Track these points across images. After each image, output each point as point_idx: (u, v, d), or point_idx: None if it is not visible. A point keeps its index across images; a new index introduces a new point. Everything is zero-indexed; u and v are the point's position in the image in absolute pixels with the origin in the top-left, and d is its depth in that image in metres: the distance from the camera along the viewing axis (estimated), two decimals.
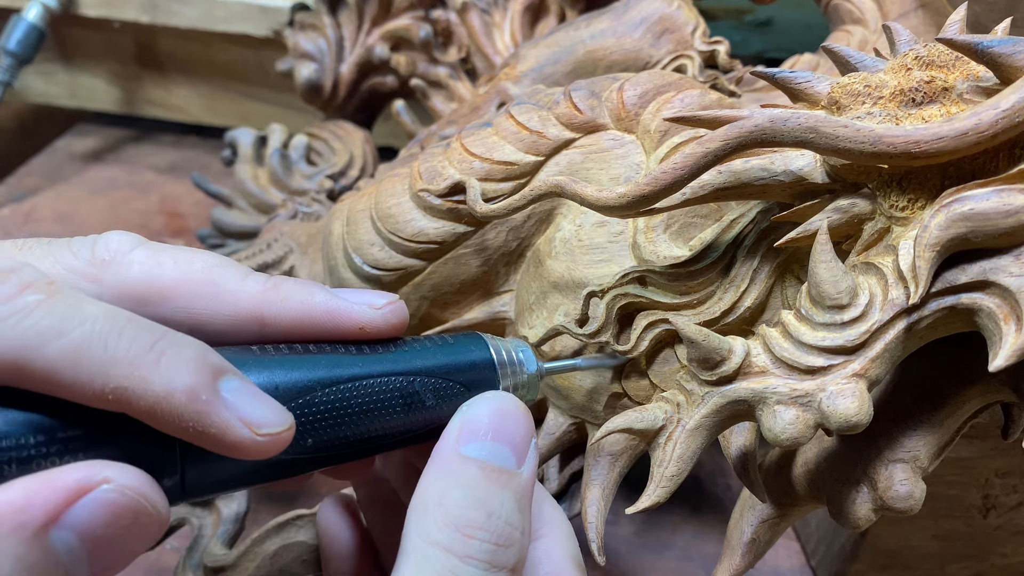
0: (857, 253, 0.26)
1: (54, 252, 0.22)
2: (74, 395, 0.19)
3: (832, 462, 0.28)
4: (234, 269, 0.24)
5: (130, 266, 0.22)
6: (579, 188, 0.29)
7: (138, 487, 0.19)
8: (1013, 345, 0.22)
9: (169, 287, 0.23)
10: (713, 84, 0.44)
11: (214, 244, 0.60)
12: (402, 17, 0.64)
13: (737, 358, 0.25)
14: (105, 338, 0.19)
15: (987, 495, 0.42)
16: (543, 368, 0.27)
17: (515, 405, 0.25)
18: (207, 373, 0.20)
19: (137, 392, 0.19)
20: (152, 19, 0.72)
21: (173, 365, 0.19)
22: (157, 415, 0.19)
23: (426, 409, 0.24)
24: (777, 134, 0.24)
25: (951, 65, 0.25)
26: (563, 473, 0.39)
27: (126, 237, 0.23)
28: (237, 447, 0.20)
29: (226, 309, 0.23)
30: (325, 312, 0.24)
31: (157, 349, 0.19)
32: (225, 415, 0.20)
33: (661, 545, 0.49)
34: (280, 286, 0.24)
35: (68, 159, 0.82)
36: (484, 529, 0.21)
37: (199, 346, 0.20)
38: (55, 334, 0.18)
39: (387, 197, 0.39)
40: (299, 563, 0.35)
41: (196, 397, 0.19)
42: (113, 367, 0.19)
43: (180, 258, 0.23)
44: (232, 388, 0.20)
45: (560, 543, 0.25)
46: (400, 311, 0.25)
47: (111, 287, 0.22)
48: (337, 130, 0.65)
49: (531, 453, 0.24)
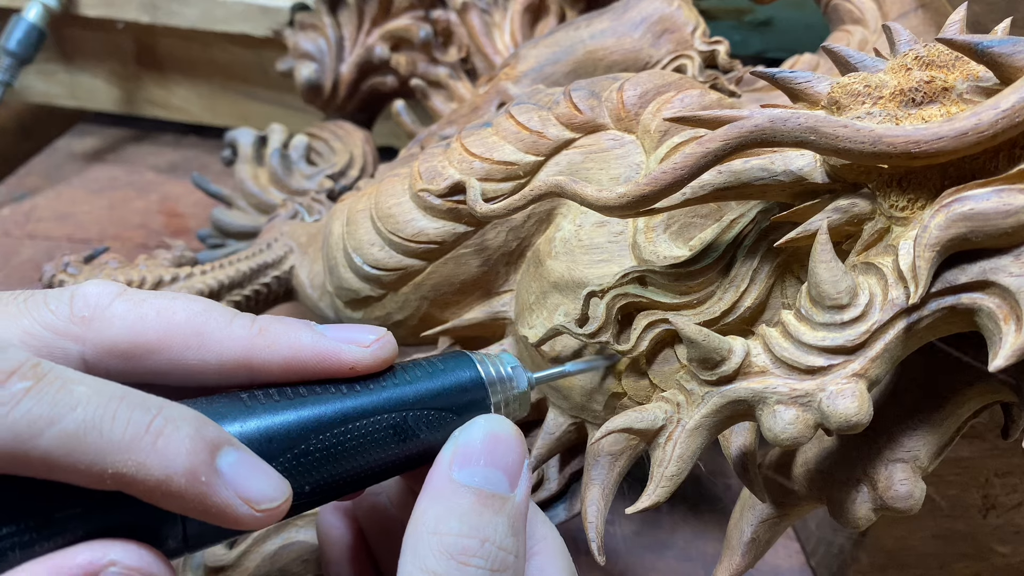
0: (857, 253, 0.26)
1: (31, 311, 0.22)
2: (72, 480, 0.18)
3: (832, 462, 0.28)
4: (218, 315, 0.23)
5: (111, 321, 0.22)
6: (579, 188, 0.29)
7: (145, 567, 0.19)
8: (1013, 345, 0.22)
9: (154, 341, 0.22)
10: (713, 84, 0.44)
11: (214, 244, 0.60)
12: (402, 17, 0.64)
13: (737, 358, 0.25)
14: (100, 424, 0.18)
15: (987, 495, 0.42)
16: (533, 380, 0.27)
17: (507, 428, 0.25)
18: (205, 452, 0.20)
19: (136, 477, 0.19)
20: (152, 19, 0.72)
21: (171, 447, 0.19)
22: (158, 498, 0.19)
23: (420, 440, 0.24)
24: (777, 134, 0.24)
25: (951, 65, 0.25)
26: (563, 473, 0.39)
27: (104, 289, 0.23)
28: (238, 523, 0.20)
29: (213, 358, 0.23)
30: (313, 354, 0.23)
31: (153, 430, 0.19)
32: (225, 495, 0.20)
33: (661, 545, 0.49)
34: (267, 331, 0.23)
35: (68, 159, 0.82)
36: (479, 556, 0.22)
37: (194, 419, 0.20)
38: (47, 423, 0.18)
39: (387, 197, 0.39)
40: (299, 563, 0.35)
41: (196, 479, 0.19)
42: (110, 453, 0.18)
43: (163, 309, 0.23)
44: (230, 463, 0.20)
45: (554, 559, 0.25)
46: (388, 345, 0.25)
47: (94, 345, 0.22)
48: (337, 130, 0.65)
49: (524, 476, 0.24)
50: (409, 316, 0.40)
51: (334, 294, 0.43)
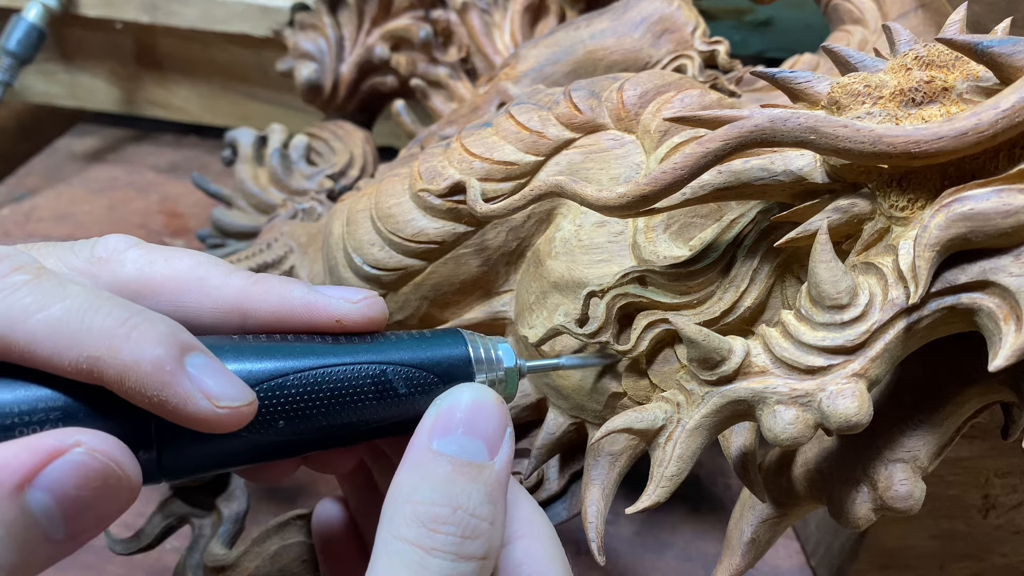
0: (857, 253, 0.26)
1: (58, 252, 0.24)
2: (52, 366, 0.20)
3: (832, 462, 0.28)
4: (221, 266, 0.25)
5: (124, 264, 0.24)
6: (579, 188, 0.29)
7: (108, 451, 0.20)
8: (1013, 345, 0.22)
9: (159, 283, 0.24)
10: (713, 84, 0.44)
11: (214, 244, 0.60)
12: (402, 17, 0.64)
13: (737, 358, 0.25)
14: (83, 312, 0.20)
15: (987, 495, 0.42)
16: (524, 365, 0.28)
17: (489, 396, 0.25)
18: (174, 347, 0.21)
19: (107, 361, 0.20)
20: (152, 19, 0.72)
21: (143, 338, 0.20)
22: (124, 384, 0.20)
23: (399, 398, 0.25)
24: (777, 134, 0.24)
25: (951, 65, 0.25)
26: (563, 473, 0.39)
27: (123, 239, 0.24)
28: (198, 419, 0.21)
29: (210, 303, 0.24)
30: (303, 305, 0.25)
31: (130, 324, 0.20)
32: (187, 386, 0.21)
33: (661, 545, 0.49)
34: (261, 281, 0.25)
35: (68, 159, 0.82)
36: (449, 523, 0.22)
37: (171, 324, 0.21)
38: (37, 308, 0.20)
39: (387, 197, 0.39)
40: (299, 563, 0.35)
41: (161, 368, 0.20)
42: (88, 338, 0.20)
43: (171, 256, 0.24)
44: (198, 364, 0.21)
45: (541, 543, 0.25)
46: (377, 305, 0.26)
47: (106, 282, 0.23)
48: (337, 130, 0.65)
49: (505, 443, 0.24)
50: (409, 316, 0.40)
51: None
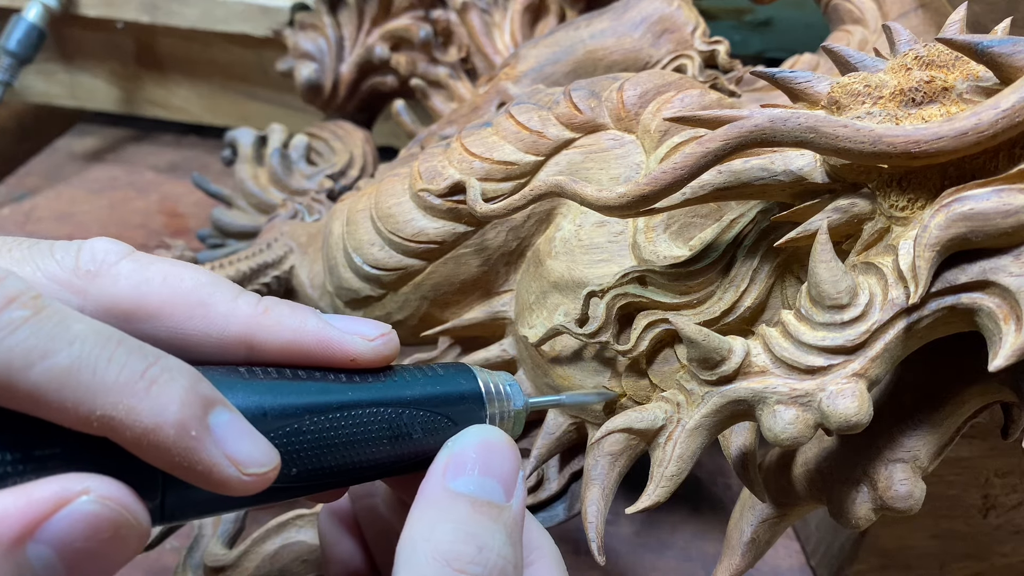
0: (857, 253, 0.26)
1: (35, 258, 0.21)
2: (58, 418, 0.18)
3: (832, 462, 0.28)
4: (225, 289, 0.23)
5: (116, 279, 0.21)
6: (579, 188, 0.29)
7: (119, 498, 0.18)
8: (1013, 345, 0.22)
9: (157, 305, 0.22)
10: (713, 84, 0.44)
11: (214, 244, 0.60)
12: (402, 17, 0.64)
13: (737, 358, 0.25)
14: (94, 362, 0.18)
15: (987, 495, 0.42)
16: (529, 403, 0.27)
17: (501, 438, 0.24)
18: (197, 406, 0.19)
19: (125, 422, 0.18)
20: (152, 19, 0.72)
21: (163, 396, 0.18)
22: (143, 447, 0.18)
23: (413, 442, 0.24)
24: (777, 134, 0.24)
25: (951, 65, 0.25)
26: (563, 473, 0.39)
27: (112, 246, 0.22)
28: (223, 485, 0.20)
29: (215, 331, 0.22)
30: (317, 341, 0.23)
31: (148, 377, 0.18)
32: (213, 452, 0.19)
33: (661, 545, 0.49)
34: (272, 310, 0.23)
35: (68, 159, 0.82)
36: (476, 563, 0.21)
37: (190, 374, 0.19)
38: (41, 355, 0.17)
39: (387, 197, 0.39)
40: (299, 563, 0.35)
41: (185, 432, 0.19)
42: (101, 394, 0.18)
43: (169, 274, 0.22)
44: (221, 423, 0.19)
45: (549, 569, 0.25)
46: (392, 343, 0.24)
47: (95, 300, 0.21)
48: (337, 130, 0.65)
49: (519, 486, 0.24)
50: (409, 316, 0.40)
51: (334, 294, 0.43)
